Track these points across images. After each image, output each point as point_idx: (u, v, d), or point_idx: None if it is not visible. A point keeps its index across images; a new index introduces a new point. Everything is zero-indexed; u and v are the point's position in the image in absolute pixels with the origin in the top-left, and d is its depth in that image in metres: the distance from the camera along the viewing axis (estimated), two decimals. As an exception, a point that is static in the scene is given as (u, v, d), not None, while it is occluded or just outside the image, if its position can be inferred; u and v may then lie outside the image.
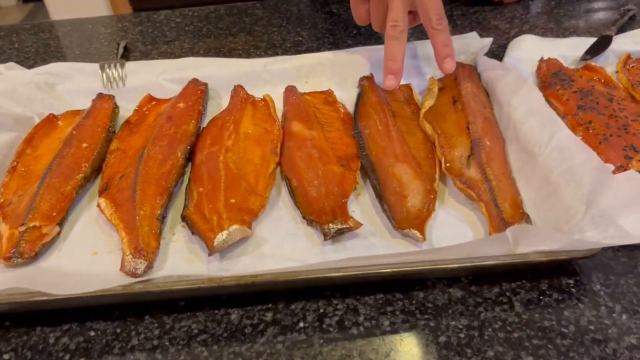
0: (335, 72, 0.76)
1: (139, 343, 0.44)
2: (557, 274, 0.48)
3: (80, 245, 0.54)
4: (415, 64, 0.75)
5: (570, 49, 0.77)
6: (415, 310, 0.46)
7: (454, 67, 0.64)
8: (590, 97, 0.65)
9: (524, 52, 0.76)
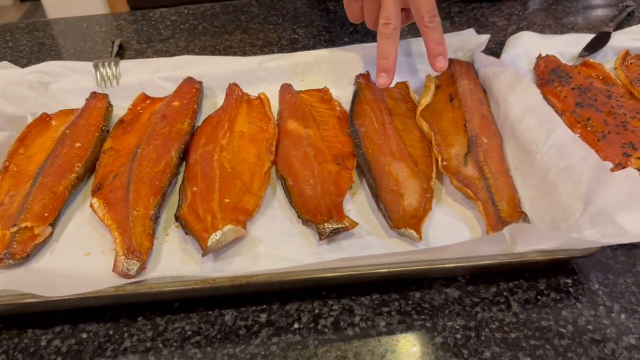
0: (332, 70, 0.75)
1: (131, 345, 0.44)
2: (555, 273, 0.47)
3: (73, 246, 0.53)
4: (411, 62, 0.74)
5: (568, 46, 0.76)
6: (412, 311, 0.45)
7: (446, 66, 0.64)
8: (588, 94, 0.64)
9: (521, 49, 0.75)
